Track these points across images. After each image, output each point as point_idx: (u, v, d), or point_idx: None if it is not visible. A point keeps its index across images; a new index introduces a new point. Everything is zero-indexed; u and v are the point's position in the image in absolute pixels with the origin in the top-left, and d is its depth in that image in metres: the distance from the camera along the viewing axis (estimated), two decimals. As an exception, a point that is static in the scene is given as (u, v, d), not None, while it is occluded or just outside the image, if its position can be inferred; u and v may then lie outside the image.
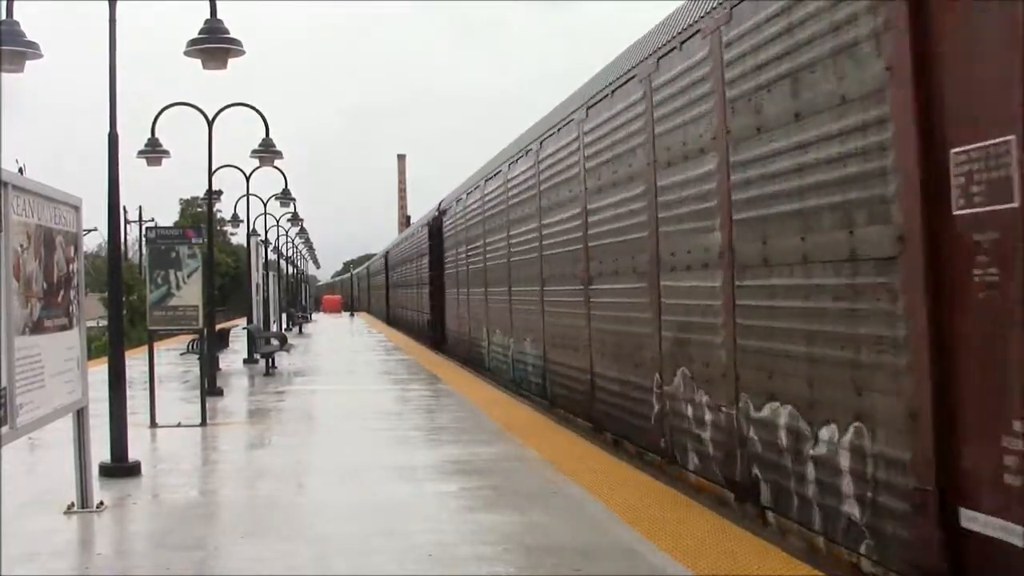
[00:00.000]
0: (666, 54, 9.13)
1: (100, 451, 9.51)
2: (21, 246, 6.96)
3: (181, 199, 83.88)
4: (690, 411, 8.80)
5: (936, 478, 5.22)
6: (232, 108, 21.44)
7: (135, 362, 18.95)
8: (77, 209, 8.34)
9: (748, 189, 7.43)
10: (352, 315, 80.00)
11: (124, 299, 22.77)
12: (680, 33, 8.74)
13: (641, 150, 9.86)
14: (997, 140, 4.75)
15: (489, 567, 6.44)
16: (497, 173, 18.28)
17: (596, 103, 11.49)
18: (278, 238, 48.56)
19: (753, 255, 7.45)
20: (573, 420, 13.02)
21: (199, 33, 12.10)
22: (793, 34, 6.71)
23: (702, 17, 8.23)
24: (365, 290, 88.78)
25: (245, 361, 25.10)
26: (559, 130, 13.32)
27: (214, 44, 12.10)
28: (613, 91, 10.78)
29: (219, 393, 17.38)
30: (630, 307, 10.42)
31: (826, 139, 6.31)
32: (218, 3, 12.01)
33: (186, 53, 12.24)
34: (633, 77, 10.07)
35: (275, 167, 25.26)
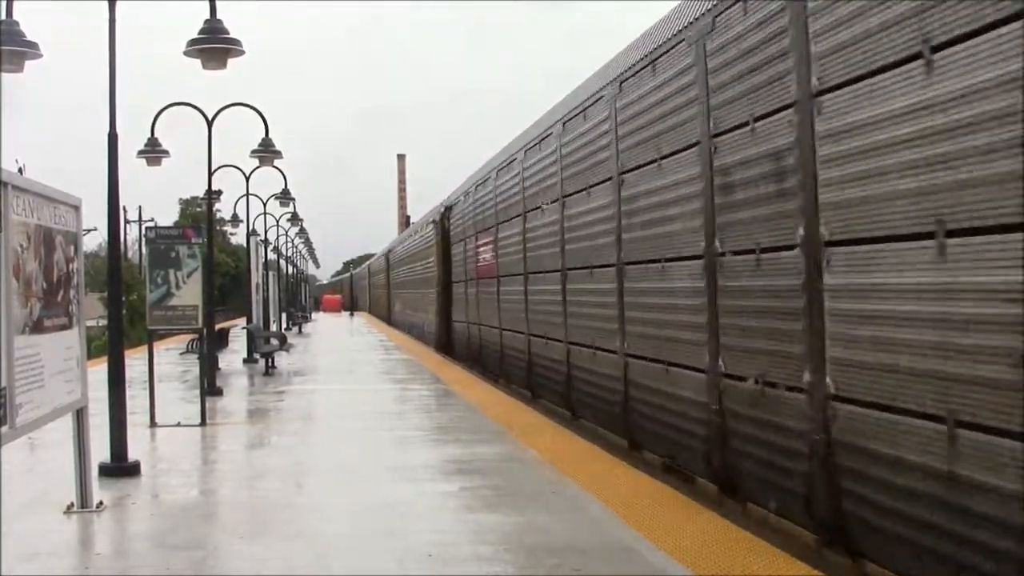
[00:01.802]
0: None
1: (100, 451, 9.51)
2: (21, 246, 6.95)
3: (181, 199, 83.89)
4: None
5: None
6: (233, 108, 21.43)
7: (135, 362, 18.94)
8: (77, 209, 8.33)
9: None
10: (352, 315, 80.00)
11: (124, 299, 22.75)
12: None
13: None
14: None
15: (489, 567, 6.44)
16: None
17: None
18: (278, 238, 48.57)
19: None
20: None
21: (199, 33, 12.09)
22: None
23: None
24: (381, 287, 63.35)
25: (245, 361, 25.09)
26: None
27: (214, 44, 12.10)
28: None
29: (219, 393, 17.38)
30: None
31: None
32: (222, 3, 12.03)
33: (186, 53, 12.23)
34: None
35: (275, 167, 25.26)
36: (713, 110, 8.63)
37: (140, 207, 74.76)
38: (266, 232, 39.31)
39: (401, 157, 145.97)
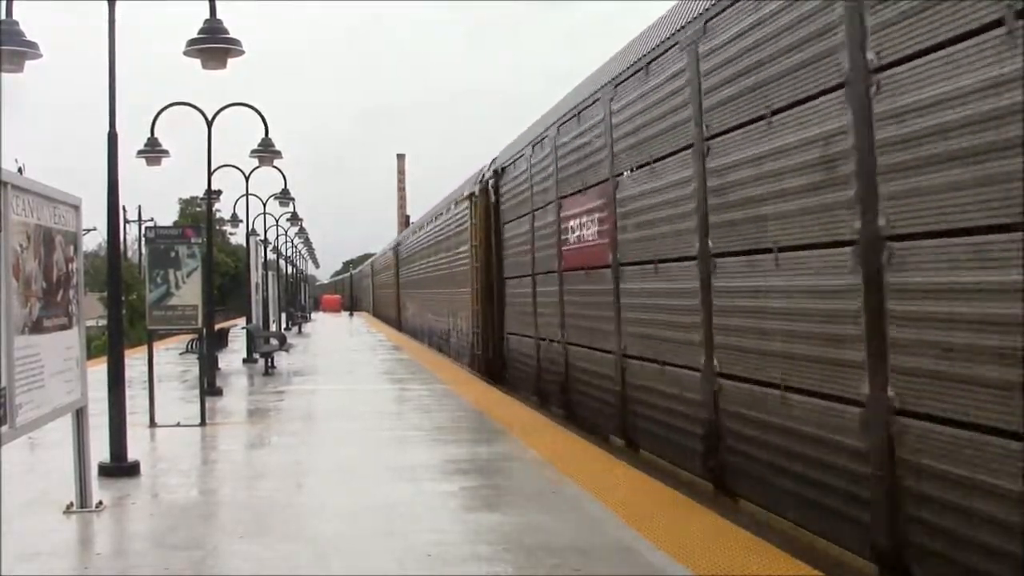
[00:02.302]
0: None
1: (99, 451, 9.51)
2: (21, 246, 6.95)
3: (180, 199, 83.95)
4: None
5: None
6: (233, 108, 21.43)
7: (135, 362, 18.95)
8: (77, 209, 8.33)
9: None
10: (352, 315, 79.98)
11: (124, 299, 22.76)
12: None
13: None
14: None
15: (489, 567, 6.44)
16: None
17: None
18: (277, 238, 48.57)
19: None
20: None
21: (198, 33, 12.10)
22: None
23: None
24: (387, 287, 54.46)
25: (244, 361, 25.09)
26: None
27: (213, 44, 12.10)
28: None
29: (218, 393, 17.38)
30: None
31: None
32: (221, 3, 12.03)
33: (185, 53, 12.23)
34: None
35: (274, 167, 25.26)
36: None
37: (140, 207, 74.86)
38: (266, 232, 39.35)
39: (401, 157, 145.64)
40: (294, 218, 44.21)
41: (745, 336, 8.13)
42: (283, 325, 42.55)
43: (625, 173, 11.06)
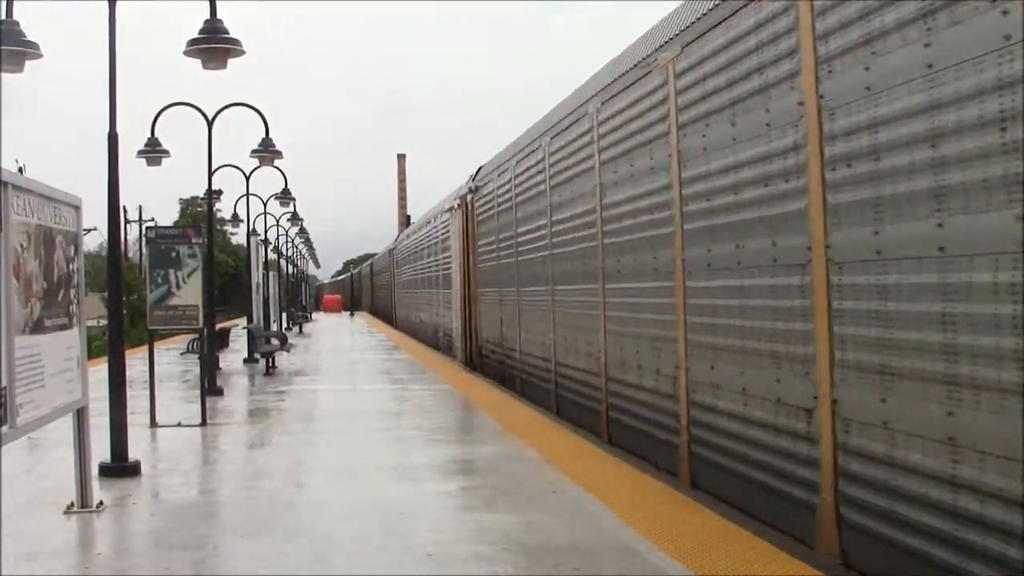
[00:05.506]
0: None
1: (100, 451, 9.51)
2: (21, 246, 6.96)
3: (181, 199, 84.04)
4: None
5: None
6: (236, 108, 21.42)
7: (135, 362, 18.95)
8: (77, 209, 8.34)
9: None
10: (352, 315, 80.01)
11: (124, 299, 22.75)
12: None
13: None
14: None
15: (489, 567, 6.44)
16: None
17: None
18: (278, 237, 48.56)
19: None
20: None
21: (199, 33, 12.10)
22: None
23: None
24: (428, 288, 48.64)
25: (245, 361, 25.10)
26: None
27: (213, 44, 12.11)
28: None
29: (219, 393, 17.38)
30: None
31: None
32: (222, 3, 12.02)
33: (186, 53, 12.24)
34: None
35: (275, 167, 25.26)
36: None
37: (140, 207, 74.88)
38: (266, 232, 39.36)
39: (401, 157, 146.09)
40: (295, 218, 44.24)
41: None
42: (284, 325, 42.55)
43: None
